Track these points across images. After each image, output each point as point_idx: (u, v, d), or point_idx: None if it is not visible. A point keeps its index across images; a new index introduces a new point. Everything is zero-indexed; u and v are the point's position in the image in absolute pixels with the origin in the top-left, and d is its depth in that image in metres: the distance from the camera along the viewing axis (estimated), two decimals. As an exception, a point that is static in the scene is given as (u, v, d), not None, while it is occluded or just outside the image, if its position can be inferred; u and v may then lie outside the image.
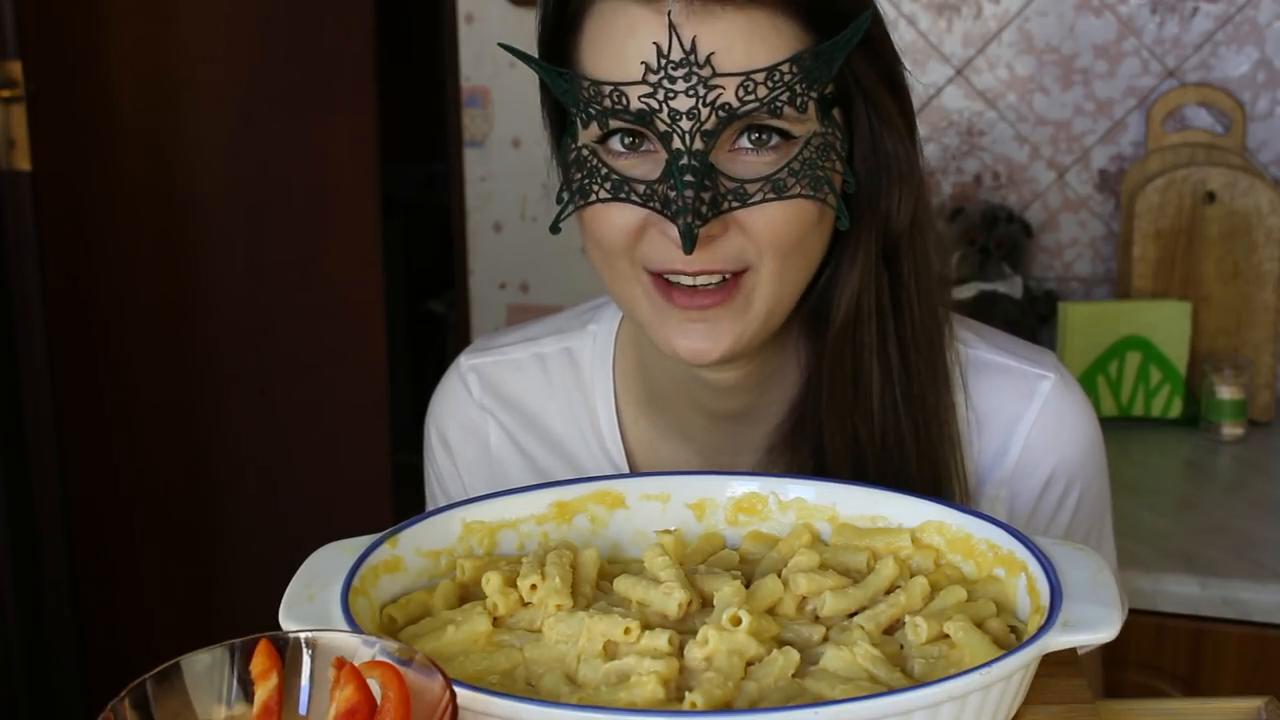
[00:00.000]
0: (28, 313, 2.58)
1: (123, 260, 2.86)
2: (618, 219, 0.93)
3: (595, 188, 0.93)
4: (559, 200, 0.96)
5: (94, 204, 2.83)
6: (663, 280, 0.94)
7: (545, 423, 1.15)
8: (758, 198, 0.90)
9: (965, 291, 2.17)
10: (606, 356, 1.13)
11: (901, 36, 2.34)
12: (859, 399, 1.00)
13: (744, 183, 0.90)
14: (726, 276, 0.93)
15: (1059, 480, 1.08)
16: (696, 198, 0.88)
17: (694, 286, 0.93)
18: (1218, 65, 2.26)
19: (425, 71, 3.22)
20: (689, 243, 0.88)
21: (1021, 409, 1.07)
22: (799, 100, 0.90)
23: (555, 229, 0.96)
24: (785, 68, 0.89)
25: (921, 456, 1.01)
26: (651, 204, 0.91)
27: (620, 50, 0.90)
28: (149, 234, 2.89)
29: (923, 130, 2.36)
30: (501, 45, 0.99)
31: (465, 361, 1.18)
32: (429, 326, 4.21)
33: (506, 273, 2.69)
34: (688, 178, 0.88)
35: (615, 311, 1.14)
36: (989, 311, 2.14)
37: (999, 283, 2.20)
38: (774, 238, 0.92)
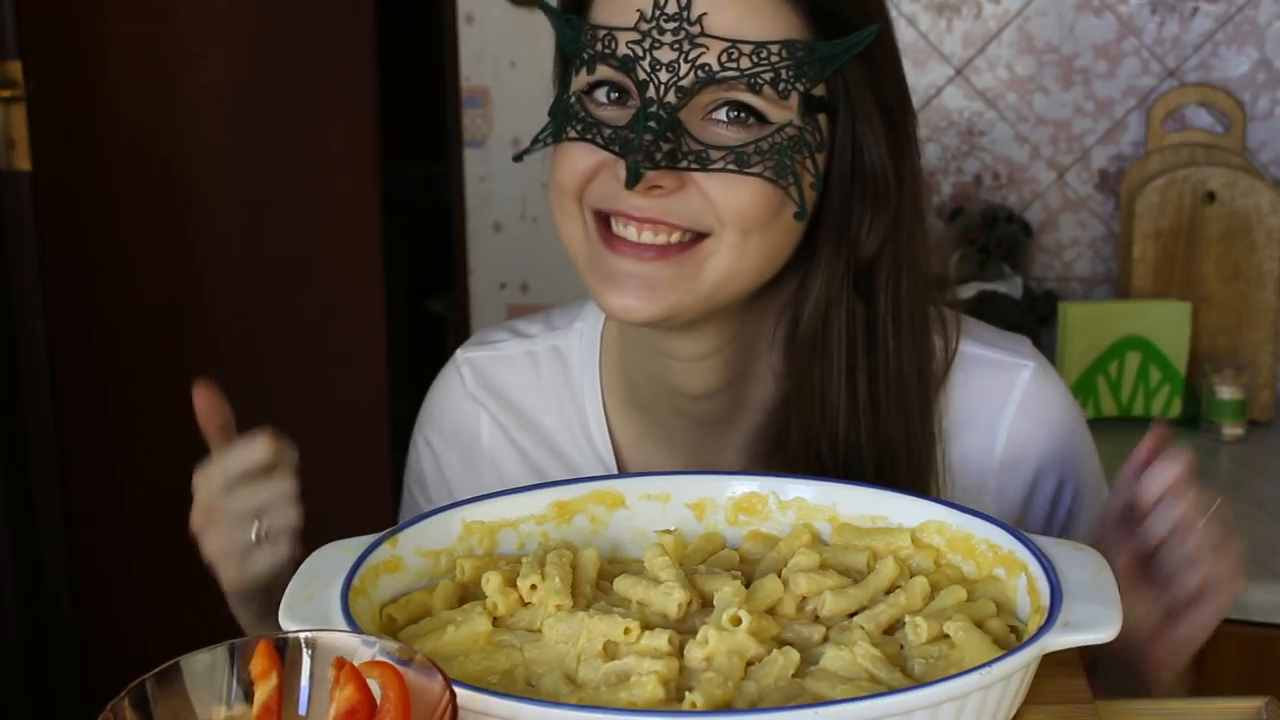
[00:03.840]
0: (28, 313, 2.58)
1: (123, 260, 2.86)
2: (577, 158, 0.95)
3: (567, 128, 0.95)
4: (533, 141, 0.98)
5: (94, 204, 2.82)
6: (607, 227, 0.95)
7: (536, 419, 1.15)
8: (718, 164, 0.91)
9: (965, 291, 2.17)
10: (593, 354, 1.14)
11: (901, 36, 2.33)
12: (825, 418, 1.00)
13: (708, 148, 0.91)
14: (676, 239, 0.93)
15: (1049, 472, 1.08)
16: (654, 143, 0.89)
17: (639, 239, 0.94)
18: (1218, 65, 2.26)
19: (425, 71, 3.22)
20: (633, 178, 0.89)
21: (1003, 399, 1.07)
22: (782, 86, 0.91)
23: (518, 158, 0.99)
24: (775, 49, 0.90)
25: (881, 480, 1.00)
26: (613, 146, 0.92)
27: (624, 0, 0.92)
28: (149, 234, 2.89)
29: (923, 130, 2.36)
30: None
31: (461, 354, 1.19)
32: (429, 326, 4.21)
33: (506, 273, 2.69)
34: (650, 124, 0.90)
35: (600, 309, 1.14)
36: (989, 311, 2.14)
37: (999, 283, 2.20)
38: (734, 209, 0.92)
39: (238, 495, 0.97)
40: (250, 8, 2.89)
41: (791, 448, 1.01)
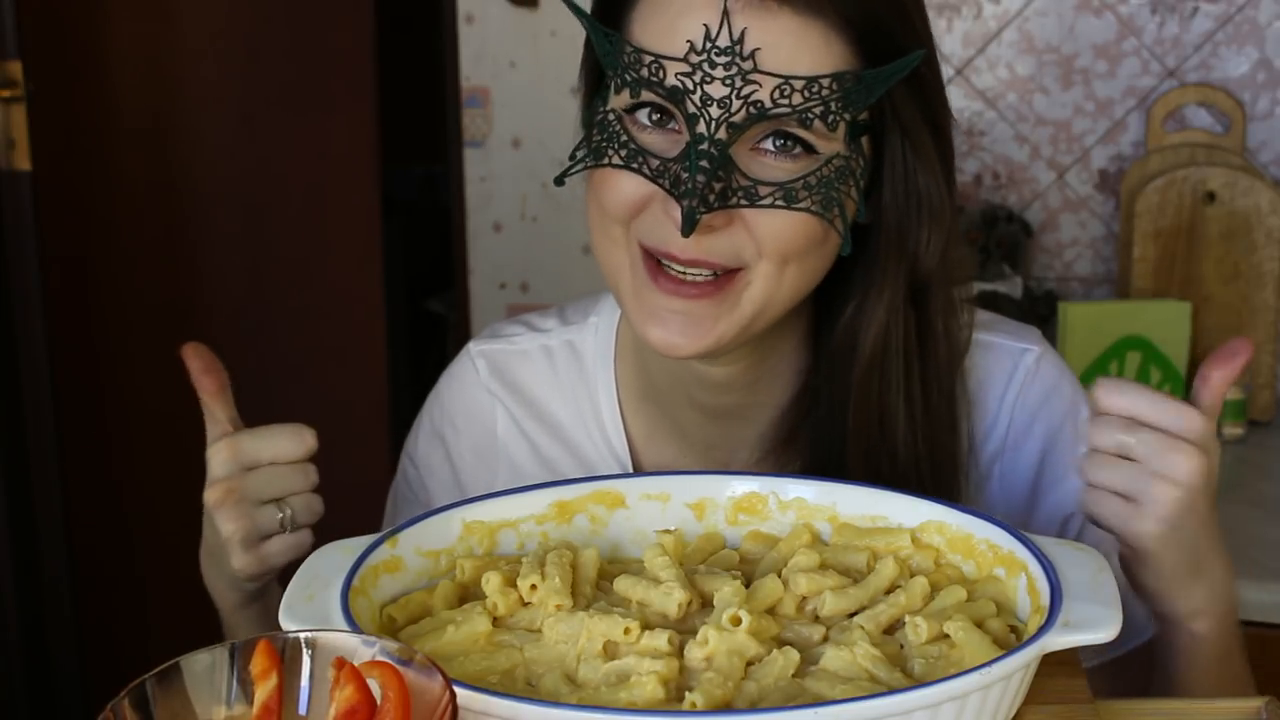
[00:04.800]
0: (28, 313, 2.58)
1: (123, 260, 2.86)
2: (626, 187, 0.94)
3: (611, 152, 0.93)
4: (572, 157, 0.96)
5: (94, 204, 2.83)
6: (653, 260, 0.95)
7: (550, 412, 1.15)
8: (767, 201, 0.91)
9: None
10: (608, 349, 1.14)
11: (901, 36, 2.34)
12: (885, 437, 1.01)
13: (757, 184, 0.91)
14: (718, 272, 0.94)
15: (1058, 440, 1.09)
16: (707, 185, 0.88)
17: (683, 275, 0.93)
18: (1218, 65, 2.26)
19: (425, 71, 3.22)
20: (689, 225, 0.88)
21: (1006, 382, 1.09)
22: (831, 118, 0.90)
23: (560, 181, 0.96)
24: (826, 82, 0.90)
25: (940, 483, 1.02)
26: (661, 180, 0.91)
27: (670, 25, 0.91)
28: (149, 234, 2.89)
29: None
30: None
31: (474, 348, 1.19)
32: (429, 326, 4.21)
33: (506, 273, 2.69)
34: (703, 163, 0.88)
35: (615, 303, 1.14)
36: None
37: (999, 283, 2.20)
38: (776, 243, 0.92)
39: (264, 477, 0.95)
40: (250, 8, 2.89)
41: (849, 470, 1.01)
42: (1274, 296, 2.12)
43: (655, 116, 0.93)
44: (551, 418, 1.15)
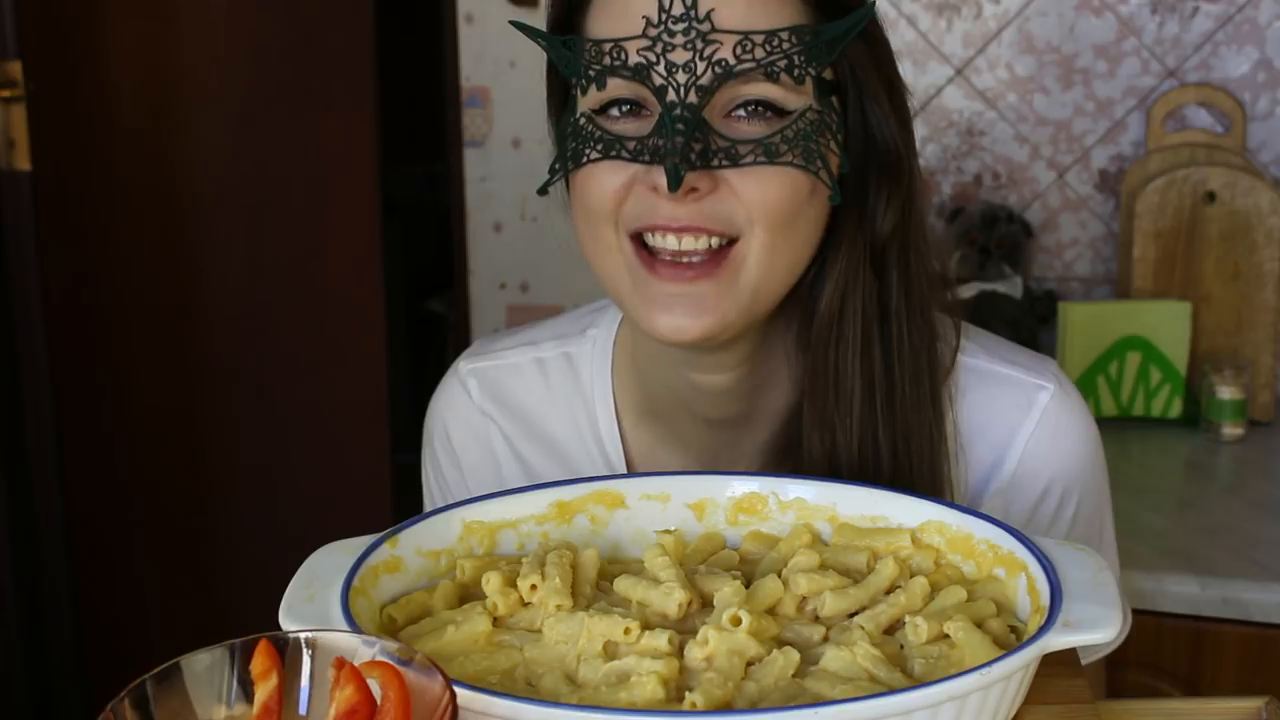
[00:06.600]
0: (28, 313, 2.58)
1: (123, 260, 2.86)
2: (606, 179, 0.94)
3: (587, 151, 0.94)
4: (551, 170, 0.97)
5: (94, 204, 2.83)
6: (646, 252, 0.95)
7: (545, 428, 1.14)
8: (749, 159, 0.91)
9: (965, 291, 2.17)
10: (605, 362, 1.12)
11: (901, 36, 2.34)
12: (839, 402, 1.00)
13: (736, 143, 0.91)
14: (714, 244, 0.93)
15: (1055, 490, 1.07)
16: (686, 144, 0.89)
17: (679, 257, 0.93)
18: (1218, 65, 2.26)
19: (425, 71, 3.22)
20: (675, 181, 0.88)
21: (1019, 420, 1.06)
22: (796, 71, 0.91)
23: (543, 191, 0.97)
24: (785, 35, 0.91)
25: (898, 473, 1.00)
26: (642, 158, 0.91)
27: (624, 9, 0.92)
28: (149, 234, 2.89)
29: (923, 130, 2.37)
30: (512, 23, 1.00)
31: (464, 366, 1.17)
32: (429, 326, 4.21)
33: (506, 273, 2.69)
34: (679, 126, 0.89)
35: (614, 315, 1.13)
36: (989, 311, 2.14)
37: (999, 283, 2.20)
38: (766, 206, 0.92)
39: None
40: (250, 8, 2.89)
41: (806, 437, 1.00)
42: (1274, 296, 2.12)
43: (626, 108, 0.93)
44: (546, 434, 1.14)
